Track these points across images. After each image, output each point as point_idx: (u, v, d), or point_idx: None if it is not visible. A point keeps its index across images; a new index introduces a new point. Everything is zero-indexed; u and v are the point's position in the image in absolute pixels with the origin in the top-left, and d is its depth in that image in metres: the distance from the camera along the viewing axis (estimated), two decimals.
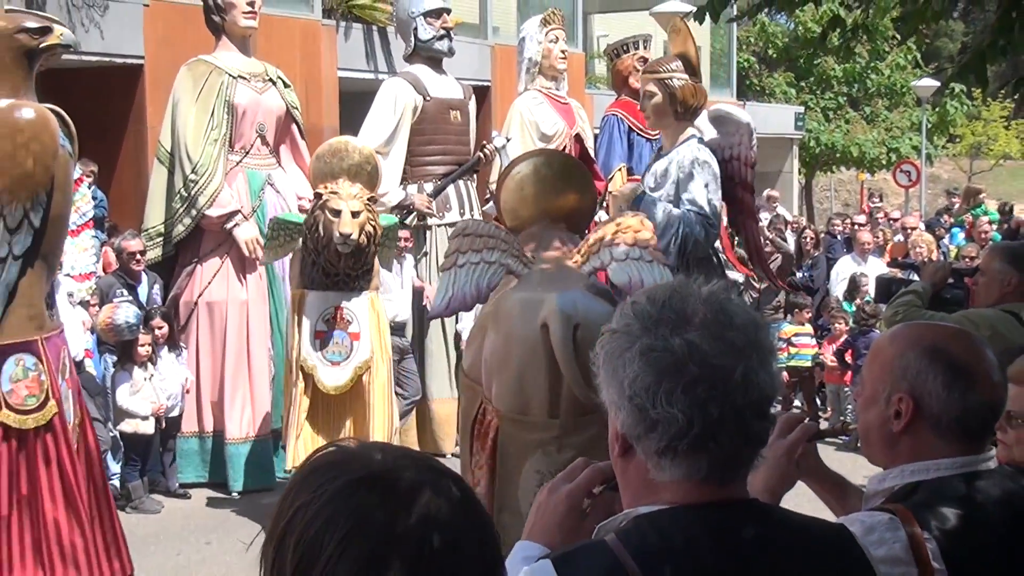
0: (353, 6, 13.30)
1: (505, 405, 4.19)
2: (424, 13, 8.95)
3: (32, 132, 4.73)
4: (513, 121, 9.51)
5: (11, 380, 4.75)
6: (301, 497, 1.26)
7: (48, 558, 4.76)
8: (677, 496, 1.64)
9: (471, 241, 4.42)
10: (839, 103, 29.14)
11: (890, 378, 2.13)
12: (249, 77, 8.37)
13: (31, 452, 4.78)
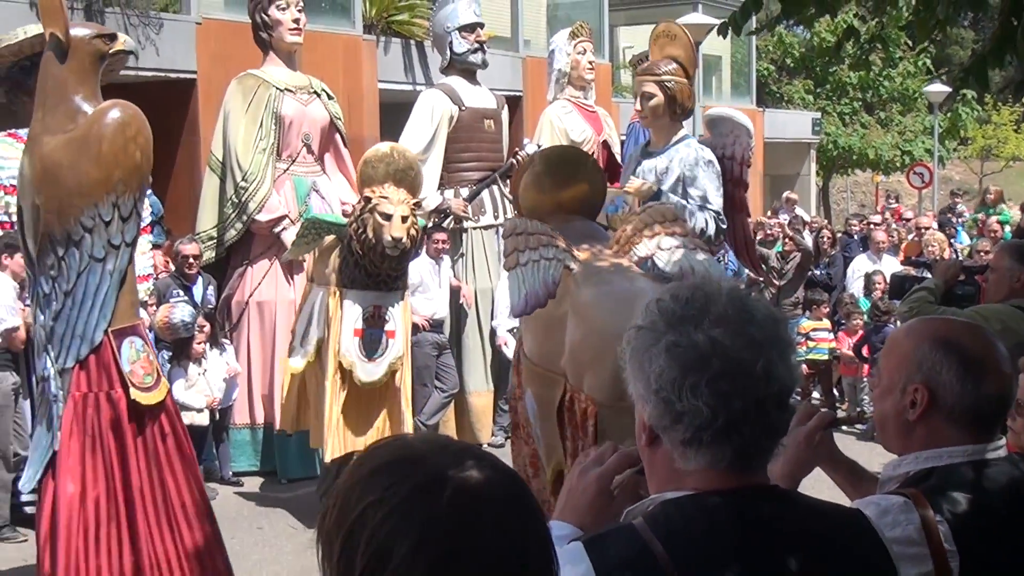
0: (392, 22, 13.35)
1: (603, 395, 4.12)
2: (459, 28, 8.97)
3: (137, 127, 4.77)
4: (544, 129, 9.52)
5: (129, 361, 4.79)
6: (371, 494, 1.24)
7: (176, 523, 4.83)
8: (701, 483, 1.64)
9: (526, 240, 4.38)
10: (854, 108, 28.96)
11: (906, 369, 2.13)
12: (295, 90, 8.42)
13: (153, 429, 4.85)
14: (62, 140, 4.71)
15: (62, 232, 4.65)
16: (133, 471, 4.74)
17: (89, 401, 4.70)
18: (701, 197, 5.94)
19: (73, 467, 4.64)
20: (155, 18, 10.53)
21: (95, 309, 4.69)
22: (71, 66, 4.85)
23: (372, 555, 1.21)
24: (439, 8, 9.39)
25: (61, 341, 4.70)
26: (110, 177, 4.65)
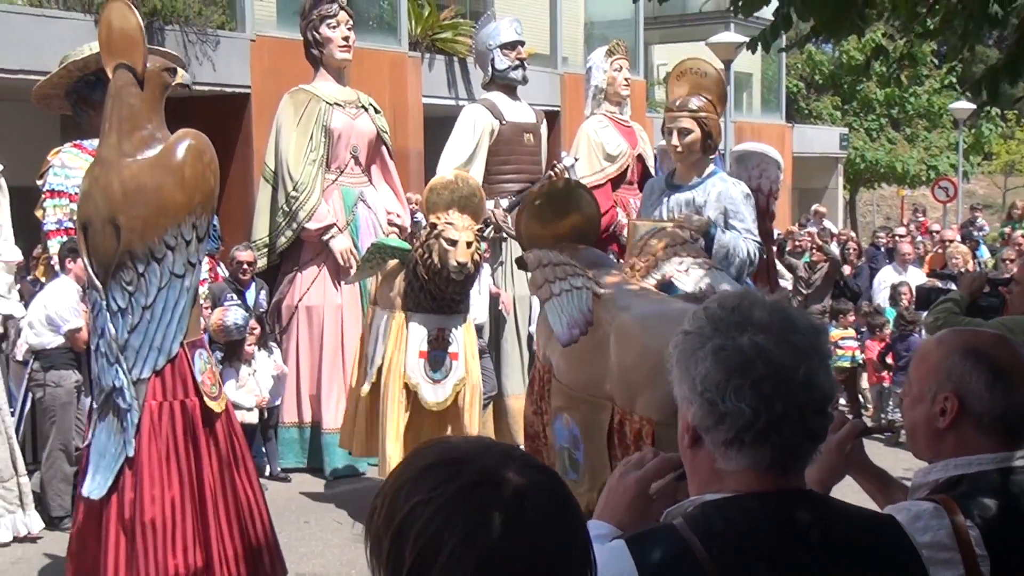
0: (436, 40, 13.41)
1: (661, 413, 4.03)
2: (501, 45, 8.98)
3: (210, 154, 4.93)
4: (580, 143, 9.51)
5: (200, 371, 4.93)
6: (419, 493, 1.25)
7: (241, 522, 4.98)
8: (742, 484, 1.64)
9: (553, 271, 4.38)
10: (881, 124, 28.76)
11: (936, 379, 2.11)
12: (344, 104, 8.47)
13: (219, 434, 4.99)
14: (145, 165, 4.82)
15: (144, 249, 4.75)
16: (206, 474, 4.87)
17: (164, 409, 4.81)
18: (746, 229, 5.87)
19: (152, 471, 4.74)
20: (212, 35, 10.64)
21: (173, 323, 4.81)
22: (144, 96, 4.98)
23: (420, 551, 1.22)
24: (482, 27, 9.41)
25: (137, 353, 4.79)
26: (192, 200, 4.79)
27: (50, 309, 6.75)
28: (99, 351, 4.88)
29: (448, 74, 13.53)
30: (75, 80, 7.30)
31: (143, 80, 4.97)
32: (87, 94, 7.34)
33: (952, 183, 23.89)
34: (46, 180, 7.16)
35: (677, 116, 6.07)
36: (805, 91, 29.49)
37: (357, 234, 8.38)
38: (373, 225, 8.51)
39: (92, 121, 7.40)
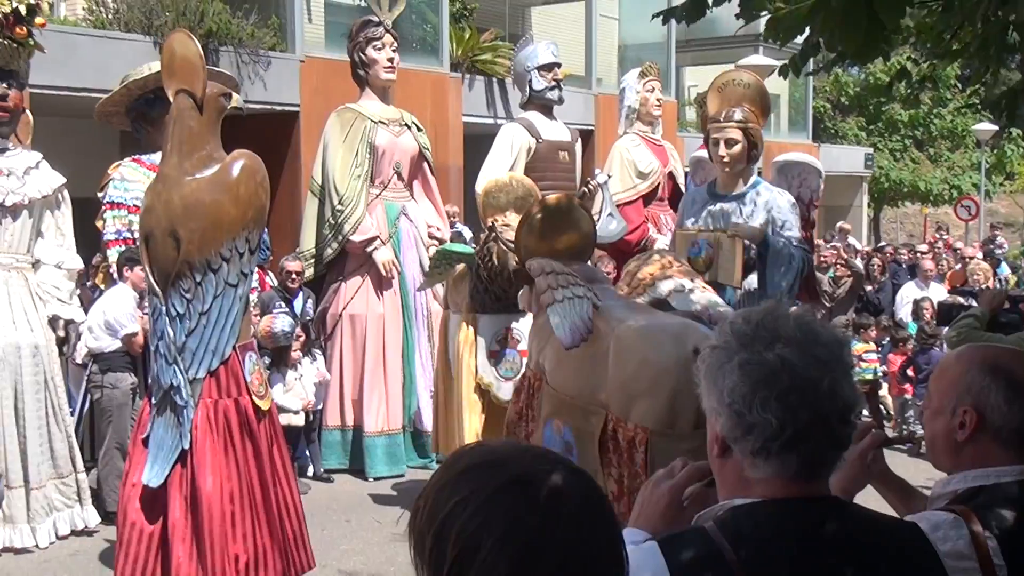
0: (476, 61, 13.45)
1: (656, 422, 4.05)
2: (538, 67, 9.00)
3: (263, 173, 5.16)
4: (614, 160, 9.51)
5: (249, 373, 5.13)
6: (459, 493, 1.26)
7: (281, 513, 5.15)
8: (769, 491, 1.63)
9: (555, 278, 4.37)
10: (905, 145, 28.51)
11: (956, 392, 2.09)
12: (388, 122, 8.52)
13: (264, 432, 5.18)
14: (204, 182, 5.02)
15: (202, 261, 4.95)
16: (253, 468, 5.06)
17: (219, 407, 5.01)
18: (795, 237, 5.77)
19: (211, 465, 4.93)
20: (263, 56, 10.74)
21: (227, 328, 5.02)
22: (203, 119, 5.19)
23: (461, 548, 1.23)
24: (520, 49, 9.44)
25: (193, 355, 4.99)
26: (245, 215, 5.01)
27: (108, 315, 6.83)
28: (158, 352, 5.07)
29: (487, 94, 13.58)
30: (135, 98, 7.40)
31: (202, 104, 5.15)
32: (146, 111, 7.44)
33: (974, 202, 23.65)
34: (106, 192, 7.25)
35: (723, 127, 5.95)
36: (831, 112, 29.30)
37: (399, 246, 8.43)
38: (414, 238, 8.54)
39: (150, 137, 7.50)
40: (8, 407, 6.32)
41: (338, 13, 12.77)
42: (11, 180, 6.49)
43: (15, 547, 6.25)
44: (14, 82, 6.57)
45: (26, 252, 6.64)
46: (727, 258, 5.62)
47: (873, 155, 26.52)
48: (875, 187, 27.48)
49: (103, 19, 10.54)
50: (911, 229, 35.58)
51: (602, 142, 13.97)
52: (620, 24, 19.19)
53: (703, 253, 5.79)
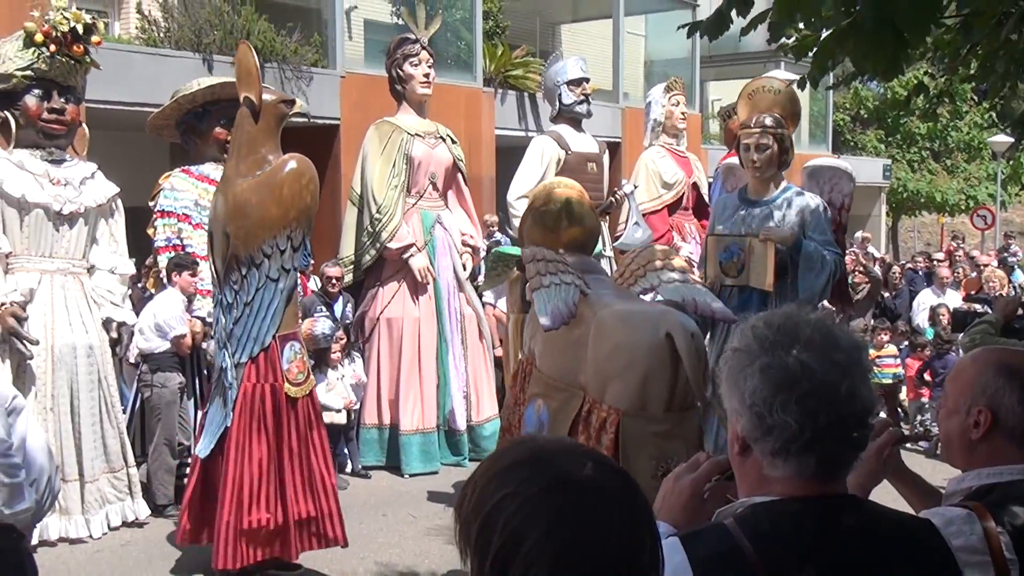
0: (508, 76, 13.47)
1: (627, 404, 4.10)
2: (567, 82, 9.00)
3: (309, 175, 5.37)
4: (640, 171, 9.50)
5: (288, 361, 5.38)
6: (506, 487, 1.27)
7: (313, 491, 5.43)
8: (788, 489, 1.63)
9: (545, 265, 4.38)
10: (922, 156, 28.25)
11: (971, 393, 2.08)
12: (424, 135, 8.55)
13: (299, 416, 5.42)
14: (252, 183, 5.25)
15: (247, 256, 5.22)
16: (284, 446, 5.32)
17: (256, 390, 5.29)
18: (825, 242, 5.62)
19: (243, 439, 5.25)
20: (306, 72, 10.81)
21: (267, 318, 5.28)
22: (261, 125, 5.43)
23: (506, 540, 1.24)
24: (550, 65, 9.44)
25: (238, 341, 5.30)
26: (287, 215, 5.23)
27: (159, 317, 6.89)
28: (216, 337, 5.50)
29: (519, 108, 13.59)
30: (184, 112, 7.48)
31: (259, 111, 5.38)
32: (194, 124, 7.52)
33: (990, 211, 23.39)
34: (157, 201, 7.33)
35: (754, 132, 5.83)
36: (851, 124, 29.07)
37: (434, 253, 8.45)
38: (448, 245, 8.56)
39: (198, 148, 7.59)
40: (65, 405, 6.39)
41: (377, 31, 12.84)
42: (68, 190, 6.57)
43: (70, 537, 6.32)
44: (72, 97, 6.65)
45: (82, 258, 6.71)
46: (759, 262, 5.53)
47: (891, 166, 26.30)
48: (893, 197, 27.24)
49: (155, 38, 10.65)
50: (928, 238, 35.21)
51: (629, 154, 13.94)
52: (646, 41, 19.16)
53: (735, 257, 5.70)
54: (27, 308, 6.19)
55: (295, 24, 11.22)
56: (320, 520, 5.44)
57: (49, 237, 6.50)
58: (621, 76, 15.56)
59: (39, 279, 6.44)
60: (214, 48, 10.29)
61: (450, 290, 8.43)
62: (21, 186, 6.37)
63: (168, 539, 6.49)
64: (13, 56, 6.40)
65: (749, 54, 17.63)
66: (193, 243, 7.21)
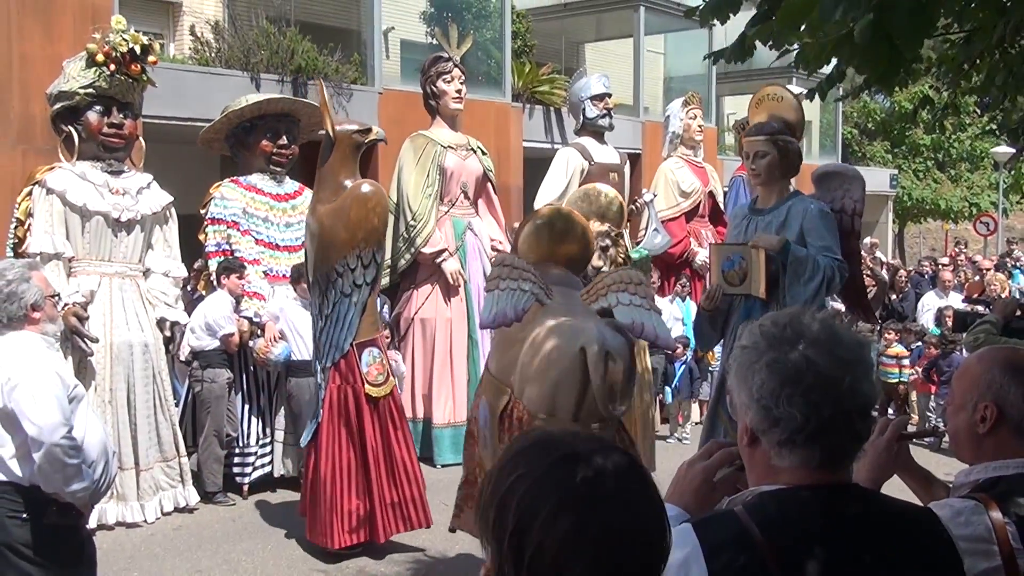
0: (536, 92, 13.45)
1: (537, 407, 4.09)
2: (591, 97, 8.99)
3: (376, 199, 5.63)
4: (659, 181, 9.47)
5: (367, 365, 5.66)
6: (518, 470, 1.27)
7: (399, 479, 5.72)
8: (794, 479, 1.61)
9: (509, 271, 4.30)
10: (927, 166, 27.96)
11: (977, 389, 2.05)
12: (456, 147, 8.55)
13: (382, 414, 5.71)
14: (327, 209, 5.56)
15: (323, 274, 5.56)
16: (368, 440, 5.62)
17: (341, 391, 5.63)
18: (823, 247, 5.12)
19: (332, 435, 5.62)
20: (346, 89, 10.84)
21: (344, 328, 5.60)
22: (336, 155, 5.72)
23: (520, 517, 1.23)
24: (575, 81, 9.43)
25: (323, 349, 5.67)
26: (355, 237, 5.51)
27: (209, 317, 6.93)
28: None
29: (545, 121, 13.56)
30: (233, 126, 7.53)
31: (335, 142, 5.69)
32: (243, 138, 7.56)
33: (993, 219, 23.11)
34: (208, 209, 7.38)
35: (754, 140, 5.37)
36: (859, 136, 28.82)
37: (465, 258, 8.45)
38: (479, 250, 8.56)
39: (246, 160, 7.63)
40: (122, 398, 6.44)
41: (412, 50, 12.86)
42: (126, 199, 6.63)
43: (127, 522, 6.37)
44: (129, 112, 6.71)
45: (138, 262, 6.77)
46: (754, 269, 5.28)
47: (898, 176, 26.05)
48: (899, 205, 26.98)
49: (207, 57, 10.73)
50: (933, 244, 34.79)
51: (648, 164, 13.87)
52: (665, 58, 19.08)
53: (736, 266, 5.30)
54: (88, 308, 6.24)
55: (336, 44, 11.26)
56: (404, 505, 5.70)
57: (108, 242, 6.55)
58: (641, 91, 15.49)
59: (99, 281, 6.50)
60: (261, 67, 10.34)
61: (480, 292, 8.41)
62: (83, 195, 6.43)
63: (217, 523, 6.53)
64: (76, 75, 6.47)
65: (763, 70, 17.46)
66: (241, 248, 7.25)
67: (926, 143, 27.36)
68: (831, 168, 5.73)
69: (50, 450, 3.20)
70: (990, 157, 25.92)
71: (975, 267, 14.07)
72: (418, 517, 5.77)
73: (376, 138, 5.88)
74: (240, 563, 5.76)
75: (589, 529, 1.21)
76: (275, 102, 7.65)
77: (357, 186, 5.58)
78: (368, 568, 5.63)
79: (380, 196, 5.63)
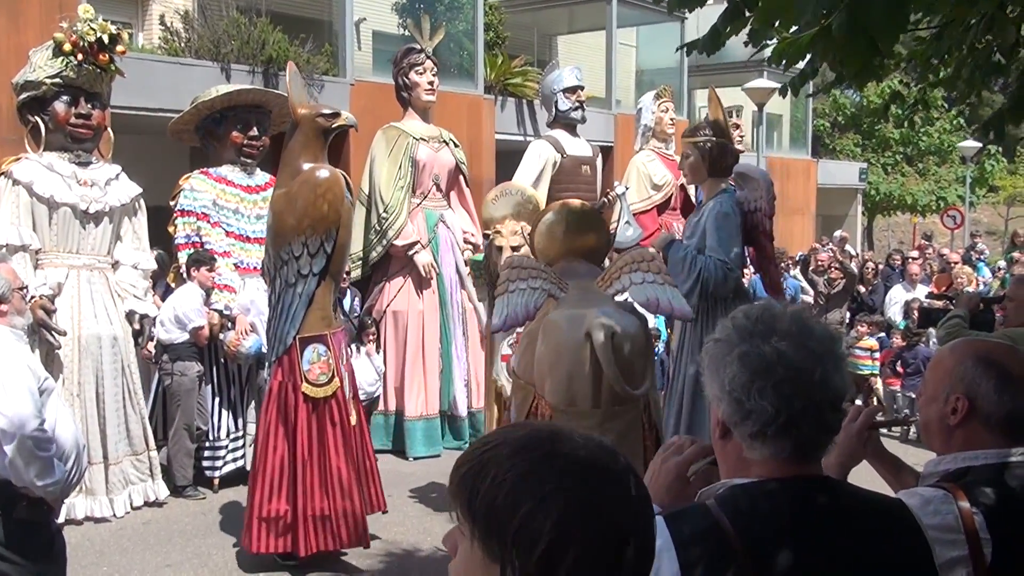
0: (508, 84, 13.44)
1: (557, 400, 4.08)
2: (563, 89, 8.98)
3: (326, 186, 5.22)
4: (631, 174, 9.48)
5: (309, 362, 5.28)
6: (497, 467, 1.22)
7: (331, 490, 5.27)
8: (765, 471, 1.62)
9: (518, 272, 4.29)
10: (896, 160, 28.25)
11: (949, 381, 2.06)
12: (428, 139, 8.53)
13: (321, 415, 5.29)
14: (279, 195, 5.31)
15: (270, 262, 5.33)
16: (300, 443, 5.24)
17: (282, 388, 5.29)
18: (710, 246, 5.28)
19: (267, 433, 5.30)
20: (318, 80, 10.78)
21: (287, 321, 5.25)
22: (297, 137, 5.41)
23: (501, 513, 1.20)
24: (547, 73, 9.42)
25: (270, 342, 5.40)
26: (300, 224, 5.18)
27: (178, 310, 6.87)
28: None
29: (517, 114, 13.56)
30: (203, 117, 7.46)
31: (297, 124, 5.40)
32: (213, 129, 7.49)
33: (959, 212, 23.39)
34: (177, 201, 7.31)
35: (683, 144, 5.61)
36: (830, 130, 29.06)
37: (437, 250, 8.43)
38: (451, 242, 8.54)
39: (216, 152, 7.56)
40: (90, 391, 6.38)
41: (384, 41, 12.81)
42: (94, 190, 6.55)
43: (95, 516, 6.31)
44: (98, 103, 6.63)
45: (107, 254, 6.70)
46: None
47: (867, 169, 26.31)
48: (868, 199, 27.26)
49: (176, 47, 10.62)
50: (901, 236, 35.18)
51: (620, 157, 13.92)
52: (637, 51, 19.13)
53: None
54: (55, 301, 6.17)
55: (307, 35, 11.19)
56: (335, 520, 5.25)
57: (76, 234, 6.48)
58: (614, 84, 15.53)
59: (67, 274, 6.42)
60: (231, 57, 10.26)
61: (452, 285, 8.41)
62: (50, 187, 6.35)
63: (187, 517, 6.48)
64: (43, 65, 6.38)
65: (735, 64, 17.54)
66: (211, 240, 7.19)
67: (895, 137, 27.64)
68: (741, 169, 5.80)
69: (22, 443, 3.16)
70: (957, 151, 26.24)
71: (943, 260, 14.24)
72: (349, 535, 5.29)
73: (345, 124, 5.53)
74: (211, 557, 5.73)
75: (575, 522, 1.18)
76: (246, 93, 7.58)
77: (311, 171, 5.24)
78: (339, 563, 5.62)
79: (333, 182, 5.21)
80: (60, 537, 3.55)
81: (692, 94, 19.03)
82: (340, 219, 5.25)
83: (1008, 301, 4.88)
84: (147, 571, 5.51)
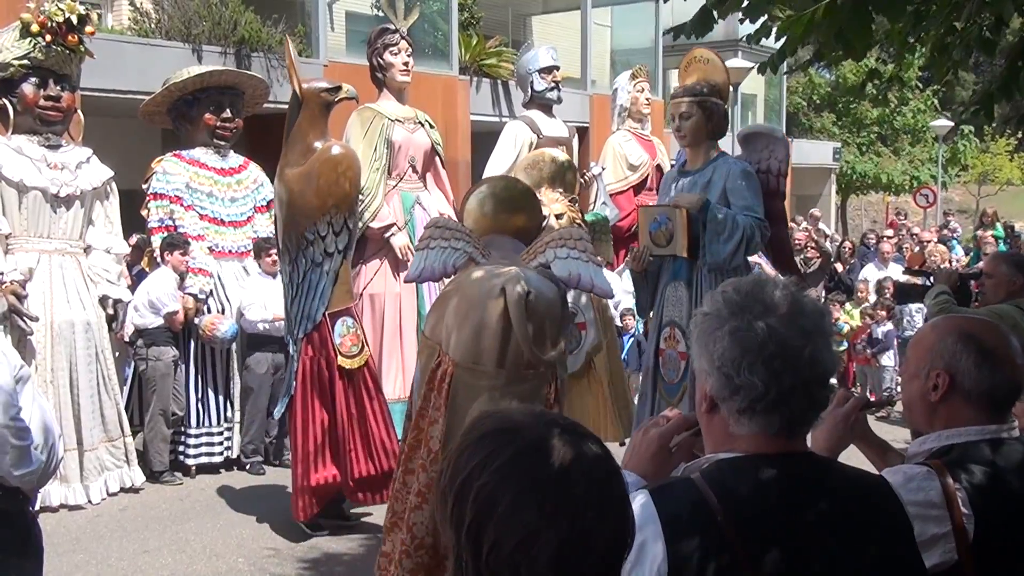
0: (483, 65, 13.39)
1: (460, 355, 3.97)
2: (539, 70, 8.93)
3: (347, 163, 5.41)
4: (607, 154, 9.48)
5: (340, 335, 5.52)
6: (477, 456, 1.23)
7: (375, 454, 5.58)
8: (752, 446, 1.62)
9: (442, 231, 4.25)
10: (871, 140, 28.43)
11: (930, 357, 2.07)
12: (403, 120, 8.46)
13: (357, 386, 5.57)
14: (296, 172, 5.33)
15: (292, 242, 5.37)
16: (341, 413, 5.50)
17: (314, 363, 5.49)
18: (745, 207, 5.13)
19: (306, 408, 5.48)
20: None
21: (316, 298, 5.43)
22: (304, 115, 5.47)
23: (479, 507, 1.20)
24: (522, 54, 9.37)
25: (295, 319, 5.48)
26: (325, 204, 5.33)
27: (152, 295, 6.81)
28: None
29: (493, 95, 13.51)
30: (175, 99, 7.37)
31: (302, 101, 5.45)
32: (185, 111, 7.41)
33: (932, 191, 23.60)
34: (150, 184, 7.23)
35: (679, 102, 5.37)
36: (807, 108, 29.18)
37: (414, 232, 8.38)
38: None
39: (189, 134, 7.48)
40: (64, 378, 6.32)
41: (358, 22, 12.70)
42: (65, 174, 6.47)
43: (70, 504, 6.26)
44: (67, 85, 6.53)
45: (79, 238, 6.62)
46: (677, 229, 5.25)
47: (841, 149, 26.48)
48: (842, 178, 27.44)
49: (146, 28, 10.47)
50: (875, 215, 35.43)
51: (596, 138, 13.91)
52: (612, 31, 19.09)
53: (663, 227, 5.32)
54: (27, 286, 6.09)
55: (280, 15, 11.07)
56: (380, 480, 5.54)
57: (47, 219, 6.39)
58: (589, 64, 15.51)
59: (38, 259, 6.35)
60: (203, 38, 10.14)
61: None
62: (20, 170, 6.26)
63: (164, 503, 6.45)
64: (10, 46, 6.28)
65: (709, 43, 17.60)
66: (185, 224, 7.12)
67: (872, 116, 27.80)
68: (756, 129, 5.73)
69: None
70: (930, 131, 26.44)
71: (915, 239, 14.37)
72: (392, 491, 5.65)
73: (347, 96, 5.64)
74: (189, 542, 5.70)
75: (552, 521, 1.17)
76: (218, 74, 7.50)
77: (327, 148, 5.36)
78: (319, 544, 5.61)
79: (351, 159, 5.42)
80: (37, 526, 3.51)
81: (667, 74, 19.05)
82: (358, 195, 5.51)
83: (986, 278, 4.93)
84: (124, 557, 5.48)
